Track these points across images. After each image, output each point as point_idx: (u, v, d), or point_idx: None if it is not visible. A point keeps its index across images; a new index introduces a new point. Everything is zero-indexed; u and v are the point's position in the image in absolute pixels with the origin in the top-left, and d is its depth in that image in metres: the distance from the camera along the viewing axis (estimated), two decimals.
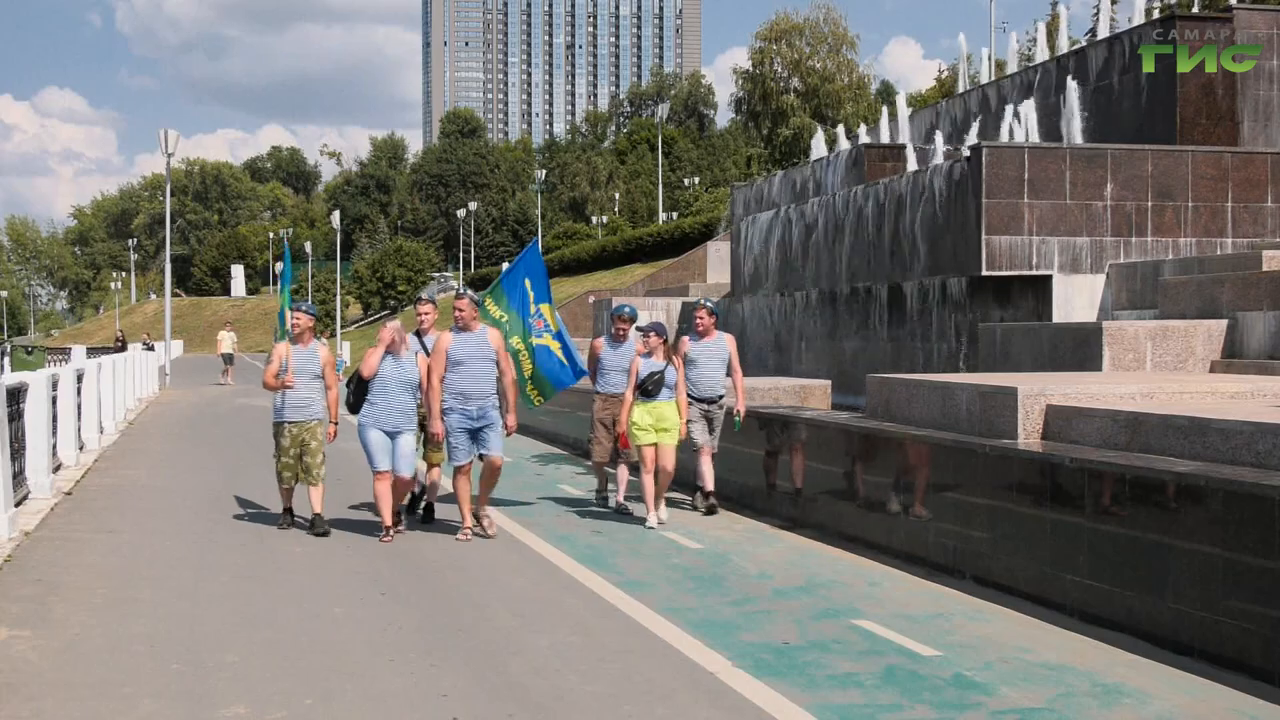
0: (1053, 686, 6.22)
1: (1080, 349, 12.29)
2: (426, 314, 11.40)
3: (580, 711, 5.82)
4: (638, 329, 11.69)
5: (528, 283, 11.92)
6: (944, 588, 8.47)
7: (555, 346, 11.95)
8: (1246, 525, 6.38)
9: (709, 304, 12.01)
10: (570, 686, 6.17)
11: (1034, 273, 16.37)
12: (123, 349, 42.74)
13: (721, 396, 11.77)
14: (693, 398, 11.55)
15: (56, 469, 14.05)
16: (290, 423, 10.75)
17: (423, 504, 11.39)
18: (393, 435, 10.26)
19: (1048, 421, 8.70)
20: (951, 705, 5.89)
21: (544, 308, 11.95)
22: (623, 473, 12.40)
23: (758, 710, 5.80)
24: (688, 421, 11.42)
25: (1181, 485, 6.84)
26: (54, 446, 13.95)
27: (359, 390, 10.48)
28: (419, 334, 11.17)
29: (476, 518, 10.57)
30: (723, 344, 11.84)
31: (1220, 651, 6.45)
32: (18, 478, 11.54)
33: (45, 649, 6.90)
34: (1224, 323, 12.43)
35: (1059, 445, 8.32)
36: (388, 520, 10.32)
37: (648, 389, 11.03)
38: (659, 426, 11.08)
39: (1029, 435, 8.69)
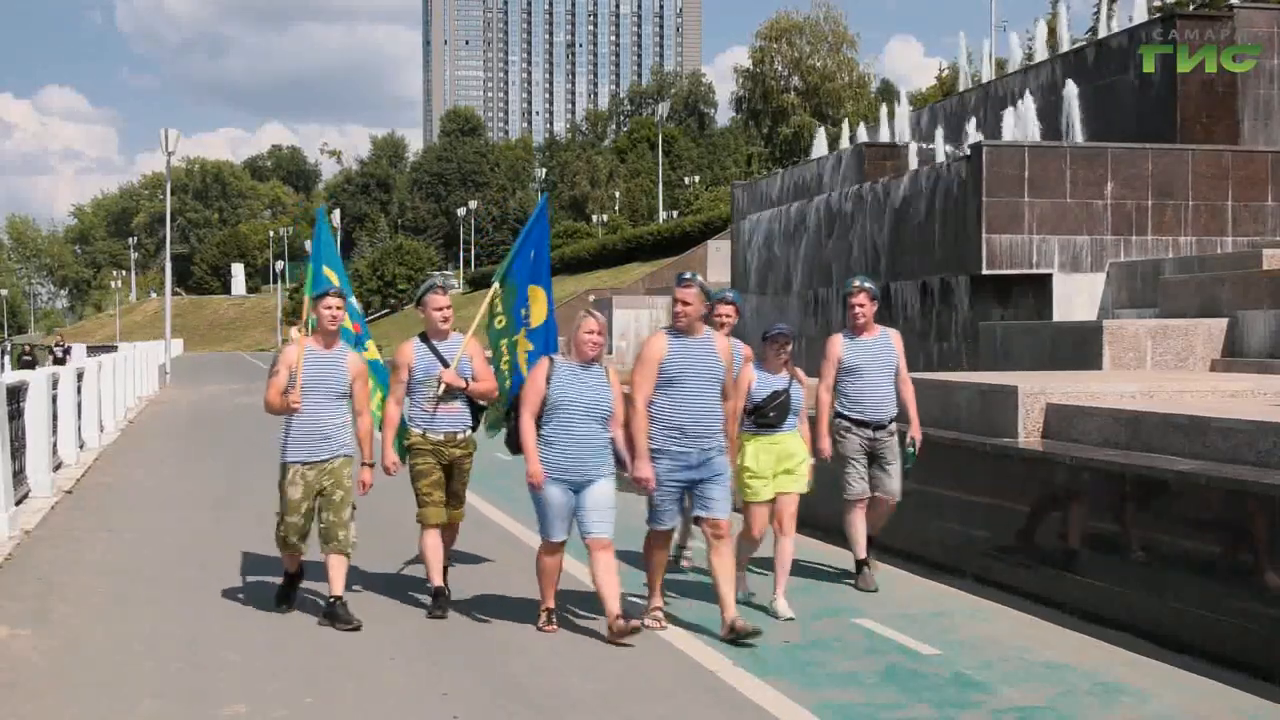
0: (1053, 685, 6.22)
1: (1081, 348, 12.28)
2: (446, 310, 7.87)
3: (581, 711, 5.82)
4: (780, 334, 7.89)
5: (533, 255, 8.34)
6: (944, 586, 8.47)
7: (523, 348, 8.09)
8: (1247, 524, 6.38)
9: (869, 284, 8.43)
10: (571, 686, 6.17)
11: (1034, 271, 16.36)
12: (63, 360, 38.67)
13: (894, 419, 8.44)
14: (851, 421, 8.38)
15: (57, 468, 14.06)
16: (304, 464, 7.43)
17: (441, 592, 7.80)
18: (582, 488, 6.98)
19: (1048, 420, 8.70)
20: (952, 704, 5.89)
21: (532, 291, 8.20)
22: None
23: (758, 709, 5.80)
24: (847, 459, 8.27)
25: (1182, 484, 6.83)
26: (54, 445, 13.95)
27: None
28: (425, 338, 7.84)
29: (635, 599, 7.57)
30: (888, 343, 8.40)
31: (1220, 651, 6.45)
32: (18, 476, 11.55)
33: (46, 648, 6.91)
34: (1224, 321, 12.43)
35: (1059, 444, 8.32)
36: (549, 601, 7.26)
37: (768, 416, 7.72)
38: (781, 469, 7.72)
39: (1029, 434, 8.69)
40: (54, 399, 13.97)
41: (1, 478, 10.37)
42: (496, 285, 8.31)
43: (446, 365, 7.69)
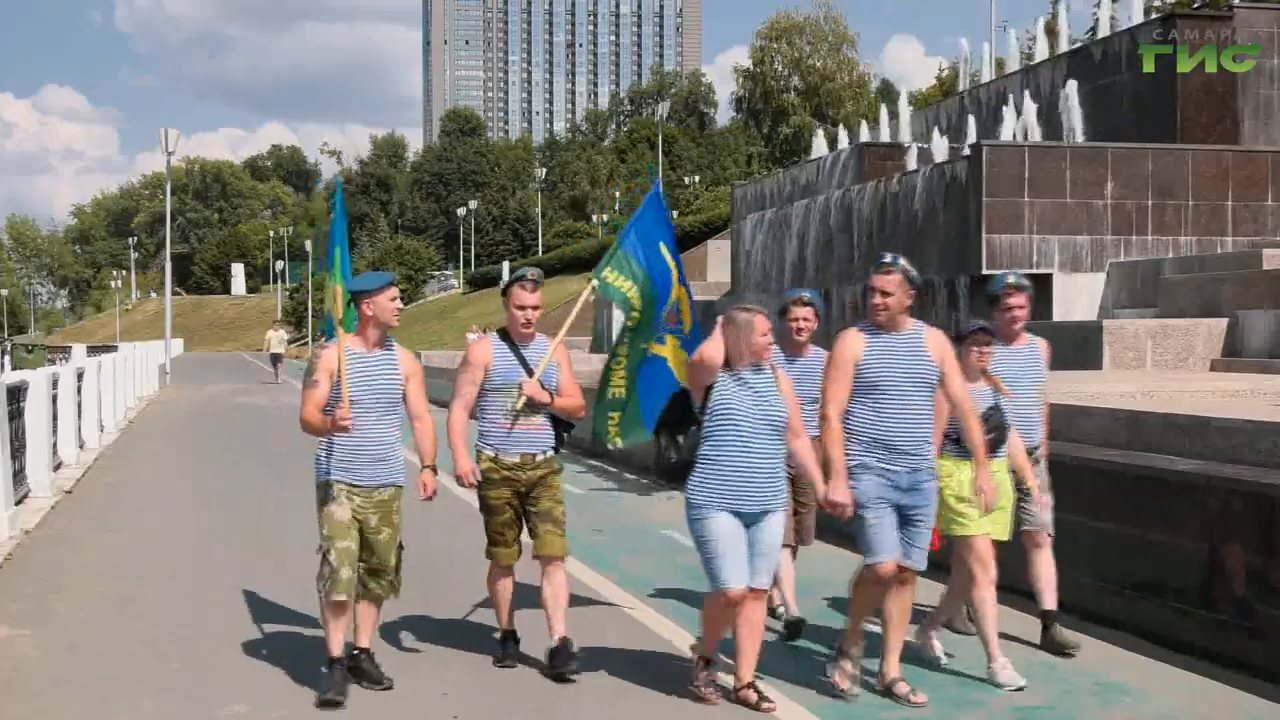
0: (1053, 685, 6.22)
1: (1081, 347, 12.29)
2: (531, 312, 6.43)
3: (581, 710, 5.82)
4: (986, 332, 6.56)
5: (665, 250, 7.24)
6: (944, 586, 8.44)
7: (677, 360, 7.14)
8: (1247, 524, 6.38)
9: (1024, 282, 7.08)
10: (571, 685, 6.16)
11: (1034, 271, 16.37)
12: None
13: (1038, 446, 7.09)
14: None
15: (57, 468, 14.06)
16: (352, 486, 6.03)
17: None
18: (753, 522, 5.76)
19: (1048, 420, 8.68)
20: (952, 704, 5.89)
21: (679, 292, 7.27)
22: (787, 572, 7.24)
23: (758, 709, 5.79)
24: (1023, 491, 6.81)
25: (1182, 484, 6.83)
26: (54, 445, 13.95)
27: (680, 424, 5.88)
28: (505, 336, 6.52)
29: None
30: (1037, 354, 7.11)
31: (1221, 650, 6.45)
32: (18, 476, 11.54)
33: (46, 648, 6.90)
34: (1224, 321, 12.44)
35: (1059, 444, 8.31)
36: (747, 675, 5.85)
37: (987, 439, 6.22)
38: (994, 505, 6.30)
39: None
40: (54, 399, 13.97)
41: (1, 478, 10.37)
42: (595, 283, 7.14)
43: (530, 373, 6.37)
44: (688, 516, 5.80)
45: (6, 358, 51.16)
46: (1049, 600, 6.86)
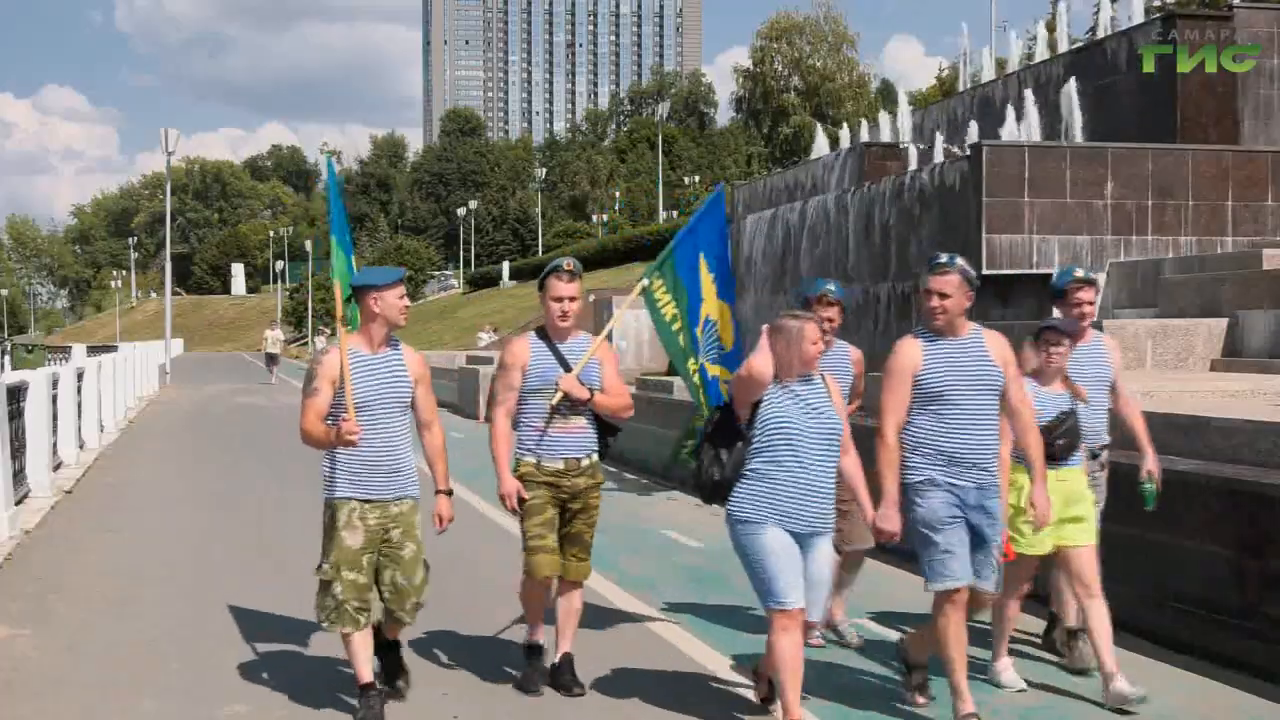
0: (1053, 685, 6.22)
1: None
2: (567, 303, 6.00)
3: (581, 711, 5.82)
4: (1053, 331, 6.24)
5: (704, 263, 6.84)
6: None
7: (721, 375, 6.79)
8: (1247, 524, 6.38)
9: (1091, 275, 6.74)
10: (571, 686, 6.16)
11: (1035, 271, 16.36)
12: None
13: (1108, 446, 6.69)
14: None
15: (57, 468, 14.06)
16: (363, 502, 5.52)
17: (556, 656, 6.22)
18: (803, 545, 5.32)
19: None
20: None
21: (720, 309, 6.93)
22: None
23: (760, 708, 5.80)
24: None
25: (1182, 484, 6.83)
26: (54, 445, 13.96)
27: (725, 440, 5.40)
28: (543, 334, 6.10)
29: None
30: (1102, 351, 6.65)
31: (1221, 650, 6.45)
32: (18, 476, 11.55)
33: (46, 648, 6.91)
34: (1224, 321, 12.44)
35: None
36: (794, 713, 5.27)
37: (1053, 446, 5.95)
38: (1069, 515, 6.04)
39: None
40: (54, 399, 13.98)
41: (2, 478, 10.37)
42: (645, 282, 6.74)
43: (568, 370, 5.95)
44: (734, 534, 5.35)
45: (6, 358, 51.11)
46: (1076, 616, 6.46)
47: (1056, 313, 6.66)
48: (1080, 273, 6.64)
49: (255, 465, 15.50)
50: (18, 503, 11.22)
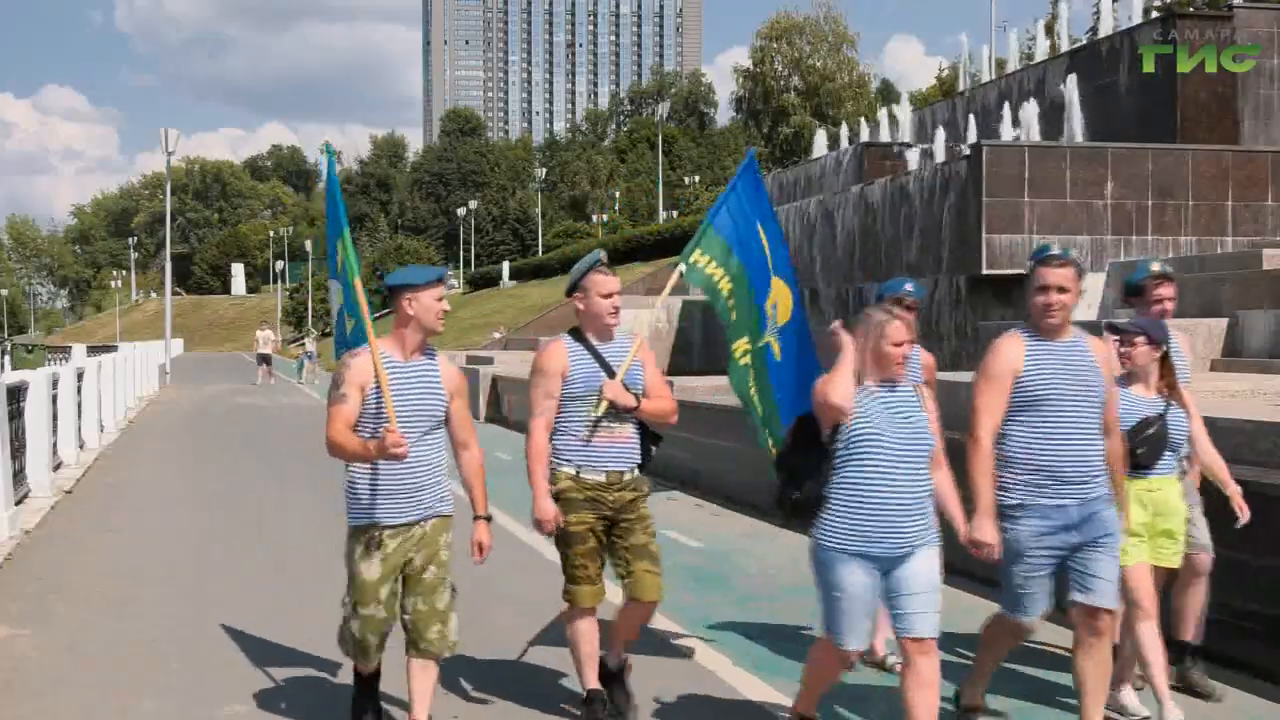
0: (1053, 685, 6.22)
1: None
2: (618, 298, 5.55)
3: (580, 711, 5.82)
4: (1114, 330, 5.67)
5: (761, 230, 6.14)
6: (945, 585, 8.44)
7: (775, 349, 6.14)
8: (1247, 524, 6.37)
9: (1169, 269, 6.21)
10: (570, 685, 6.16)
11: None
12: None
13: (1186, 455, 5.92)
14: None
15: (57, 468, 14.06)
16: (386, 529, 5.01)
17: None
18: (896, 564, 4.80)
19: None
20: (952, 703, 5.88)
21: (776, 285, 6.18)
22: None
23: (760, 709, 5.80)
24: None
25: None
26: (54, 445, 13.96)
27: (804, 453, 4.90)
28: (579, 336, 5.54)
29: None
30: (1177, 348, 6.04)
31: (1221, 650, 6.45)
32: (18, 476, 11.55)
33: (46, 648, 6.91)
34: (1224, 321, 12.44)
35: None
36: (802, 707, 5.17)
37: (1134, 455, 5.47)
38: (1159, 528, 5.55)
39: None
40: (54, 399, 13.98)
41: (2, 478, 10.37)
42: (683, 267, 6.08)
43: (612, 375, 5.39)
44: (814, 559, 4.88)
45: (6, 358, 51.18)
46: (1189, 631, 5.99)
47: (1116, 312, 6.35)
48: (1158, 266, 6.14)
49: (255, 465, 15.49)
50: (18, 503, 11.22)
